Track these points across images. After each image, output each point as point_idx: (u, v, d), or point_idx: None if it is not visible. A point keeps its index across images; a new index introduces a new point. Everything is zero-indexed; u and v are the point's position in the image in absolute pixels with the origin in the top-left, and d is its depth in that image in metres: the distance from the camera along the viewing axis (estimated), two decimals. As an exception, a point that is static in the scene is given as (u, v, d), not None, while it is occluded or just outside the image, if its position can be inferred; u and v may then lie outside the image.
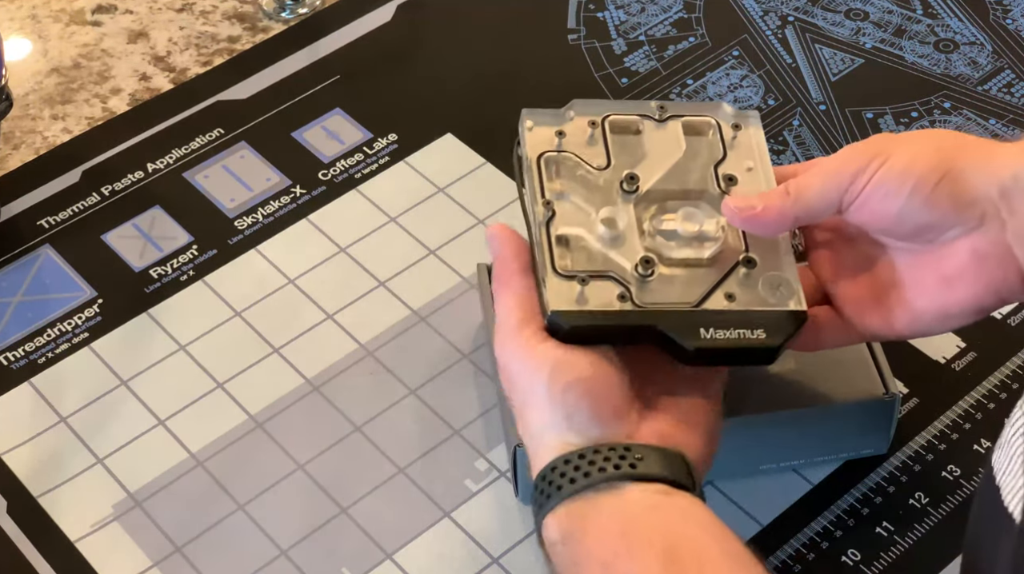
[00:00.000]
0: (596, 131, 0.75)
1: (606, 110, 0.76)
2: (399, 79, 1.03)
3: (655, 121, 0.76)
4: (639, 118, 0.76)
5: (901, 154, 0.69)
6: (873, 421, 0.79)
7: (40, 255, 0.92)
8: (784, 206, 0.70)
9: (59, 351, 0.87)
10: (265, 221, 0.94)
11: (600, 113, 0.76)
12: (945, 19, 1.06)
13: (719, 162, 0.74)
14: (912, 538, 0.78)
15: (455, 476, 0.81)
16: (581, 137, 0.75)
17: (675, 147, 0.75)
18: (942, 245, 0.70)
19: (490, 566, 0.77)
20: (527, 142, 0.75)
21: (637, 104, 0.76)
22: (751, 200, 0.71)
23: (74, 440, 0.83)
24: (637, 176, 0.73)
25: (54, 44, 1.05)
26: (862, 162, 0.69)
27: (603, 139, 0.75)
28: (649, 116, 0.76)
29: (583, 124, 0.75)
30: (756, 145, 0.76)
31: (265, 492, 0.80)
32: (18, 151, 0.98)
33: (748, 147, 0.75)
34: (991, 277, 0.69)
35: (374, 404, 0.84)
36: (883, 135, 0.73)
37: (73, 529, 0.79)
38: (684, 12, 1.07)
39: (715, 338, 0.69)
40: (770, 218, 0.70)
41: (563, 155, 0.75)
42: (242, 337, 0.88)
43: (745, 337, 0.69)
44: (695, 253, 0.71)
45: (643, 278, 0.70)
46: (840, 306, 0.73)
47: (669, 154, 0.75)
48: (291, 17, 1.07)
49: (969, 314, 0.71)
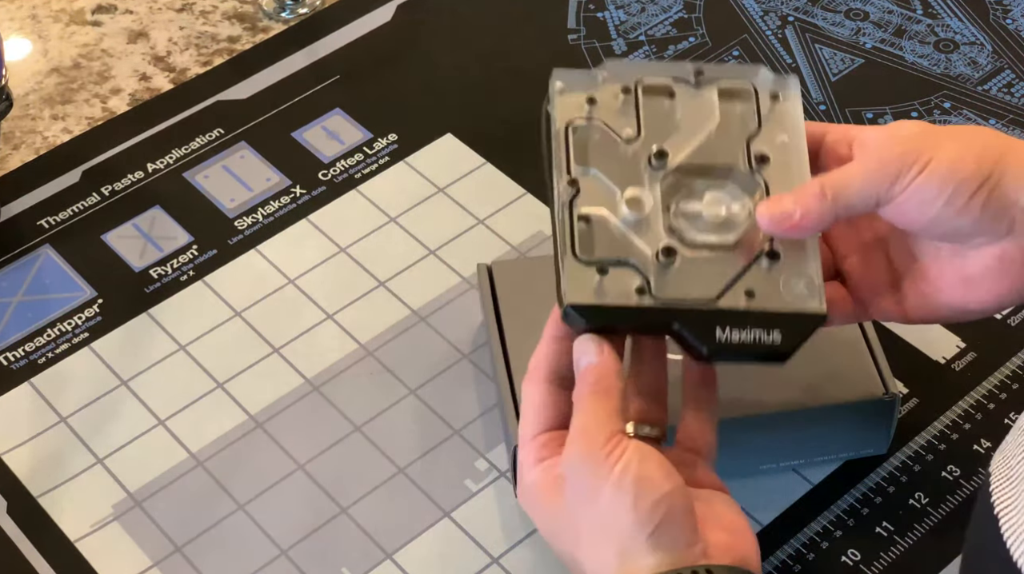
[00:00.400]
0: (628, 97, 0.72)
1: (640, 72, 0.73)
2: (399, 79, 1.03)
3: (691, 86, 0.73)
4: (674, 82, 0.73)
5: (943, 157, 0.67)
6: (873, 421, 0.79)
7: (40, 255, 0.92)
8: (823, 210, 0.68)
9: (59, 351, 0.87)
10: (265, 221, 0.94)
11: (634, 76, 0.73)
12: (945, 19, 1.06)
13: (752, 136, 0.72)
14: (912, 538, 0.78)
15: (455, 476, 0.81)
16: (612, 104, 0.72)
17: (708, 117, 0.72)
18: (968, 247, 0.69)
19: (490, 566, 0.77)
20: (557, 107, 0.72)
21: (673, 65, 0.73)
22: (786, 206, 0.68)
23: (74, 440, 0.83)
24: (666, 152, 0.71)
25: (54, 44, 1.05)
26: (904, 164, 0.67)
27: (635, 106, 0.72)
28: (685, 80, 0.73)
29: (615, 89, 0.72)
30: (792, 117, 0.73)
31: (265, 492, 0.80)
32: (18, 151, 0.98)
33: (783, 119, 0.73)
34: (1014, 280, 0.69)
35: (374, 404, 0.84)
36: (926, 127, 0.70)
37: (73, 529, 0.79)
38: (684, 12, 1.07)
39: (730, 340, 0.67)
40: (808, 224, 0.68)
41: (592, 124, 0.72)
42: (242, 337, 0.88)
43: (760, 340, 0.68)
44: (720, 238, 0.70)
45: (664, 267, 0.69)
46: (852, 284, 0.73)
47: (701, 125, 0.72)
48: (291, 17, 1.07)
49: (988, 310, 0.71)
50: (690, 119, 0.72)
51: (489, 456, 0.82)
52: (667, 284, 0.68)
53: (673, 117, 0.72)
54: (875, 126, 0.71)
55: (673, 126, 0.72)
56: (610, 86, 0.73)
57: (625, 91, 0.73)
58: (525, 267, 0.87)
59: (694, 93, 0.73)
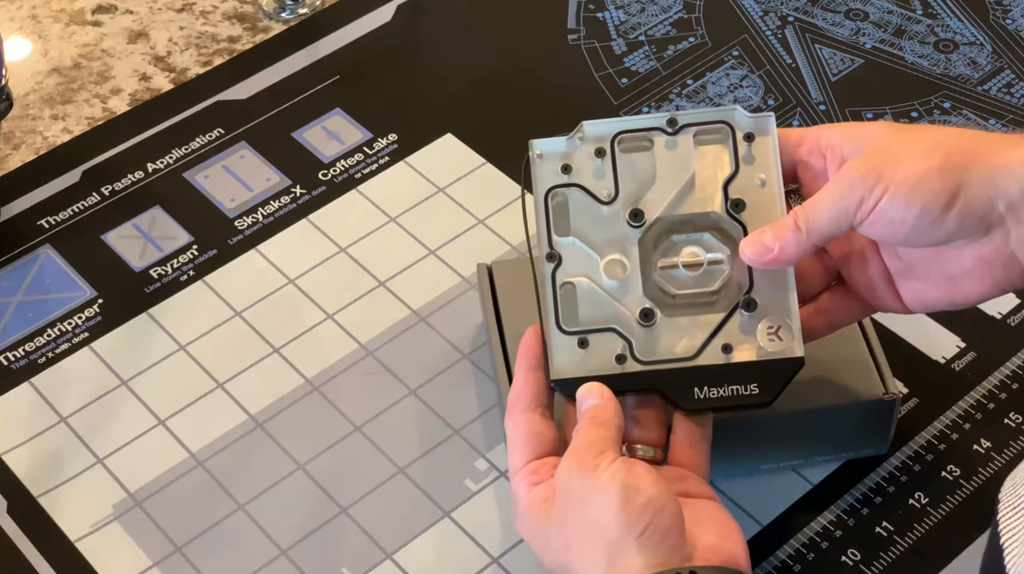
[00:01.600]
0: (605, 159, 0.74)
1: (615, 128, 0.74)
2: (399, 79, 1.03)
3: (666, 134, 0.74)
4: (648, 132, 0.74)
5: (904, 178, 0.67)
6: (873, 421, 0.79)
7: (40, 255, 0.92)
8: (799, 242, 0.70)
9: (59, 351, 0.87)
10: (265, 221, 0.94)
11: (609, 133, 0.74)
12: (945, 19, 1.06)
13: (729, 180, 0.73)
14: (912, 538, 0.78)
15: (455, 476, 0.81)
16: (589, 166, 0.74)
17: (685, 167, 0.74)
18: (949, 249, 0.70)
19: (490, 566, 0.77)
20: (536, 176, 0.74)
21: (648, 118, 0.75)
22: (766, 242, 0.71)
23: (74, 440, 0.83)
24: (641, 211, 0.73)
25: (54, 44, 1.05)
26: (865, 188, 0.68)
27: (612, 165, 0.74)
28: (661, 129, 0.74)
29: (590, 151, 0.74)
30: (768, 155, 0.74)
31: (265, 492, 0.80)
32: (18, 151, 0.98)
33: (760, 159, 0.74)
34: (996, 278, 0.70)
35: (374, 404, 0.84)
36: (887, 137, 0.71)
37: (73, 529, 0.79)
38: (684, 12, 1.07)
39: (709, 397, 0.71)
40: (787, 257, 0.70)
41: (571, 189, 0.74)
42: (242, 337, 0.88)
43: (739, 393, 0.71)
44: (701, 288, 0.72)
45: (645, 329, 0.72)
46: (852, 284, 0.74)
47: (678, 176, 0.74)
48: (291, 17, 1.07)
49: (975, 303, 0.72)
50: (667, 171, 0.74)
51: (489, 456, 0.82)
52: (648, 346, 0.72)
53: (650, 171, 0.74)
54: (838, 125, 0.73)
55: (650, 180, 0.74)
56: (586, 147, 0.74)
57: (599, 152, 0.74)
58: (525, 267, 0.86)
59: (670, 142, 0.74)
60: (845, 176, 0.69)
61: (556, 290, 0.72)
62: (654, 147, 0.74)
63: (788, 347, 0.71)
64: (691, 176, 0.73)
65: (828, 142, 0.72)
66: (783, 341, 0.71)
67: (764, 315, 0.72)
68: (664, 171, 0.74)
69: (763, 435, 0.78)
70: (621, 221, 0.73)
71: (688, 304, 0.72)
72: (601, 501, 0.65)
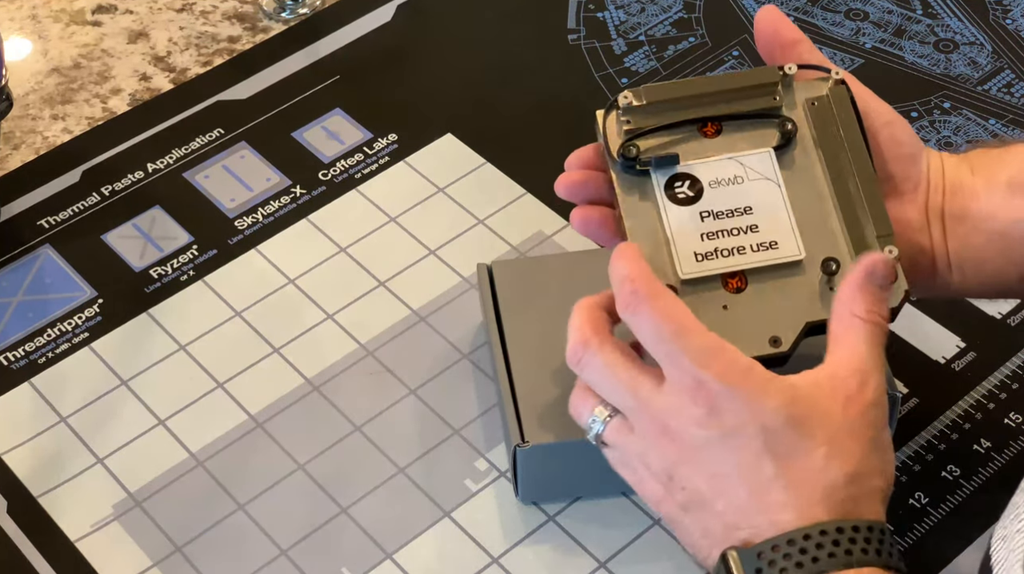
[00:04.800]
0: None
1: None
2: (399, 79, 1.03)
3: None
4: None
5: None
6: (873, 421, 0.79)
7: (40, 255, 0.92)
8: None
9: (59, 351, 0.87)
10: (265, 221, 0.94)
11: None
12: (945, 19, 1.06)
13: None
14: (912, 538, 0.78)
15: (455, 476, 0.81)
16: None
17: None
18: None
19: (490, 566, 0.77)
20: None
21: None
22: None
23: (74, 440, 0.83)
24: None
25: (54, 44, 1.05)
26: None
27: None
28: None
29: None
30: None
31: (265, 492, 0.80)
32: (18, 151, 0.98)
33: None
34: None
35: (374, 404, 0.84)
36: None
37: (73, 529, 0.79)
38: (684, 12, 1.07)
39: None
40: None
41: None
42: (242, 337, 0.88)
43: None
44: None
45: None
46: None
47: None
48: (291, 17, 1.07)
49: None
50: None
51: (489, 456, 0.82)
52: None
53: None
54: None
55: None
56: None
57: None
58: (525, 267, 0.87)
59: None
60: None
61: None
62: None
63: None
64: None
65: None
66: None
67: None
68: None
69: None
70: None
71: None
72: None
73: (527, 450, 0.76)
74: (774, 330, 0.69)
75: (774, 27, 0.75)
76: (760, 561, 0.62)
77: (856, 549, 0.61)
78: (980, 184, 0.74)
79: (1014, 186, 0.73)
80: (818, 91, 0.74)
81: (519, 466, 0.77)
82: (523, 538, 0.78)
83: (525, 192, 0.95)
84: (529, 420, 0.77)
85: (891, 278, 0.68)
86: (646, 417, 0.65)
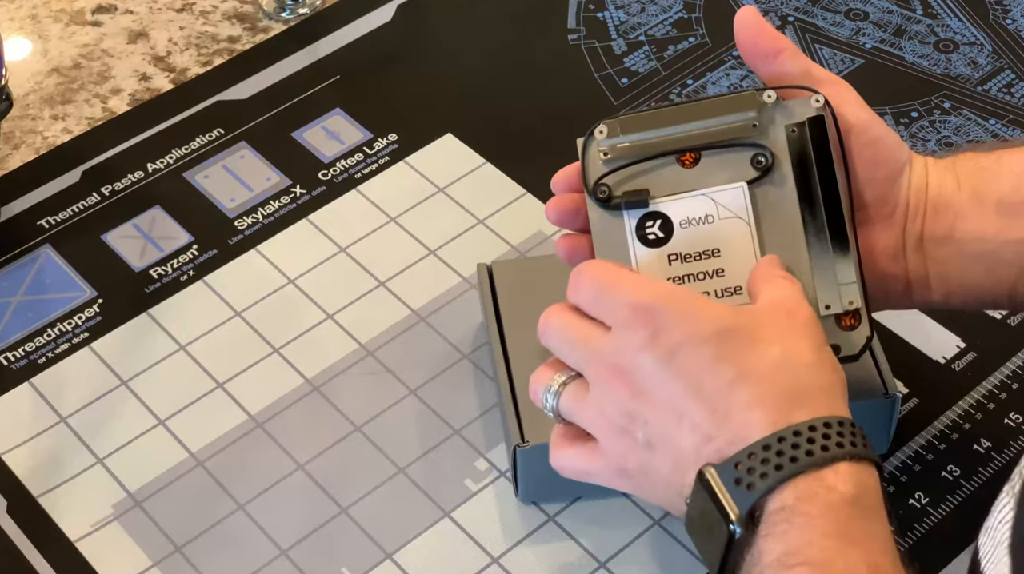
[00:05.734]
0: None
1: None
2: (399, 79, 1.03)
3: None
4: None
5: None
6: (873, 421, 0.79)
7: (40, 255, 0.92)
8: None
9: (59, 351, 0.87)
10: (265, 221, 0.94)
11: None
12: (945, 19, 1.06)
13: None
14: (912, 538, 0.78)
15: (455, 476, 0.81)
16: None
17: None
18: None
19: (490, 566, 0.77)
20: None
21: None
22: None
23: (74, 440, 0.83)
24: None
25: (54, 44, 1.05)
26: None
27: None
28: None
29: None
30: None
31: (265, 492, 0.80)
32: (18, 151, 0.98)
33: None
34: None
35: (374, 404, 0.84)
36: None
37: (73, 529, 0.79)
38: (684, 12, 1.07)
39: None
40: None
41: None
42: (242, 337, 0.88)
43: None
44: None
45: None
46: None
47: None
48: (291, 17, 1.07)
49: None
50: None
51: (489, 456, 0.82)
52: None
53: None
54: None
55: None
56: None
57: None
58: (525, 267, 0.87)
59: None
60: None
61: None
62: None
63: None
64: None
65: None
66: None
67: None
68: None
69: (763, 435, 0.78)
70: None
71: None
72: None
73: (527, 450, 0.76)
74: None
75: (753, 38, 0.74)
76: (739, 471, 0.62)
77: (831, 444, 0.62)
78: (967, 202, 0.72)
79: (1004, 206, 0.71)
80: (799, 116, 0.72)
81: (519, 466, 0.77)
82: (523, 538, 0.78)
83: (525, 192, 0.95)
84: (529, 420, 0.77)
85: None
86: (598, 363, 0.66)
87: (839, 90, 0.73)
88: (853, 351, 0.71)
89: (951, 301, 0.74)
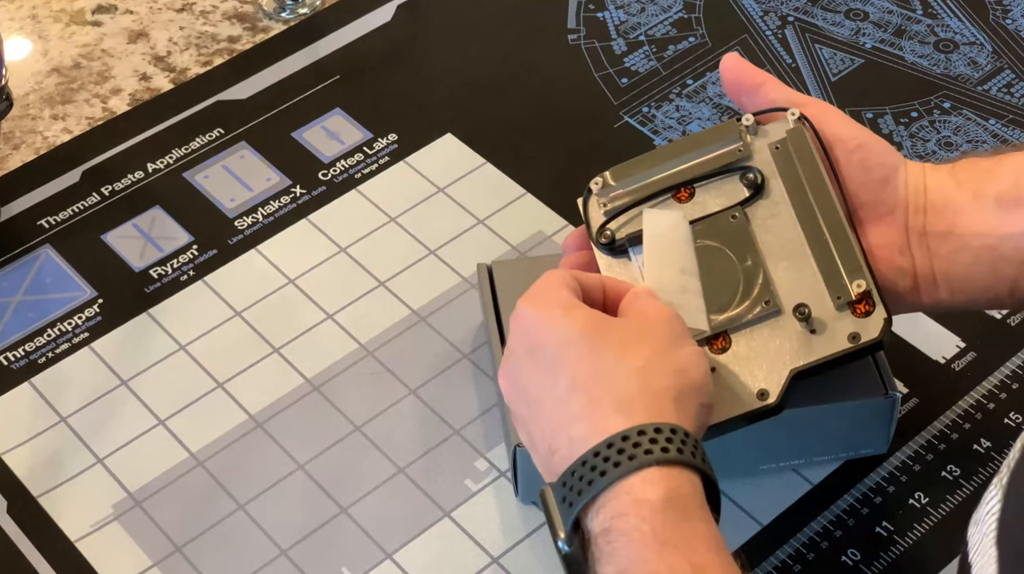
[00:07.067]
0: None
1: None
2: (399, 79, 1.03)
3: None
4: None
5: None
6: (873, 421, 0.79)
7: (40, 255, 0.92)
8: None
9: (59, 351, 0.87)
10: (265, 221, 0.94)
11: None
12: (945, 19, 1.06)
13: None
14: (912, 538, 0.78)
15: (455, 476, 0.81)
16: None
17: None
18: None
19: (490, 566, 0.77)
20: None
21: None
22: None
23: (74, 440, 0.83)
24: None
25: (54, 44, 1.05)
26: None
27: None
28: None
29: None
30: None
31: (265, 492, 0.80)
32: (18, 151, 0.98)
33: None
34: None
35: (374, 404, 0.84)
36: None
37: (73, 529, 0.79)
38: (684, 12, 1.07)
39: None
40: None
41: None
42: (242, 337, 0.88)
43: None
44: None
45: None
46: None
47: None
48: (291, 17, 1.07)
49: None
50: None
51: (489, 456, 0.82)
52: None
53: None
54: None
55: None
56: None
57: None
58: (525, 267, 0.87)
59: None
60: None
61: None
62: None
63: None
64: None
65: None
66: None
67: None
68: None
69: (763, 435, 0.78)
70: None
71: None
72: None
73: (527, 450, 0.76)
74: (761, 384, 0.71)
75: (736, 76, 0.77)
76: (564, 489, 0.64)
77: (640, 452, 0.63)
78: (967, 199, 0.73)
79: (1003, 202, 0.72)
80: (779, 133, 0.75)
81: (519, 466, 0.77)
82: (523, 538, 0.78)
83: (525, 192, 0.95)
84: (529, 420, 0.77)
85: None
86: (506, 362, 0.70)
87: (821, 108, 0.75)
88: (873, 336, 0.71)
89: (957, 300, 0.74)
